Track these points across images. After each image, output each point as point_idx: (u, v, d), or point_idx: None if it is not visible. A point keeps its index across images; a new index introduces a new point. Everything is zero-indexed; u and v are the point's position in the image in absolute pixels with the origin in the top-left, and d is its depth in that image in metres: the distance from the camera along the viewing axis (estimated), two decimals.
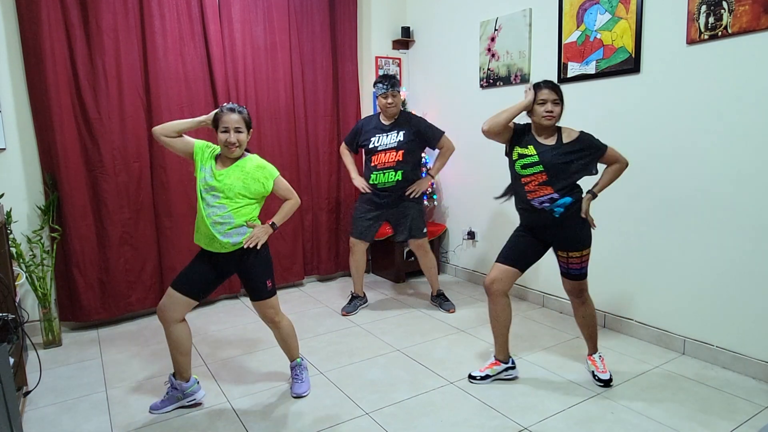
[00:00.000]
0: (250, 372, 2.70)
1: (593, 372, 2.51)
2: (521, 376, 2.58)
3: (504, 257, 2.45)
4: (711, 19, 2.48)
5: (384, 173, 3.34)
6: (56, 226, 3.15)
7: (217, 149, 2.28)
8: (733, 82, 2.45)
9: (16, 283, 2.82)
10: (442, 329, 3.22)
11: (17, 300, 2.71)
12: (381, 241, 4.23)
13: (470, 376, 2.54)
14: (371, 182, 3.39)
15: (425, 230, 3.51)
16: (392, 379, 2.58)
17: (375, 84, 3.33)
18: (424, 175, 3.53)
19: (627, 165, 2.38)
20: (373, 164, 3.38)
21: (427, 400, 2.38)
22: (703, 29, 2.52)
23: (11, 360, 1.95)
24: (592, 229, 2.41)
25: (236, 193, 2.21)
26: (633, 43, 2.82)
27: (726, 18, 2.42)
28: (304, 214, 4.15)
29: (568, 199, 2.31)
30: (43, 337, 3.09)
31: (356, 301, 3.60)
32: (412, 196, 3.40)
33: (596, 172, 2.38)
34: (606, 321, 3.16)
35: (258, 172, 2.26)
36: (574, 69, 3.15)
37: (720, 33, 2.46)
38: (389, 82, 3.26)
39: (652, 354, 2.78)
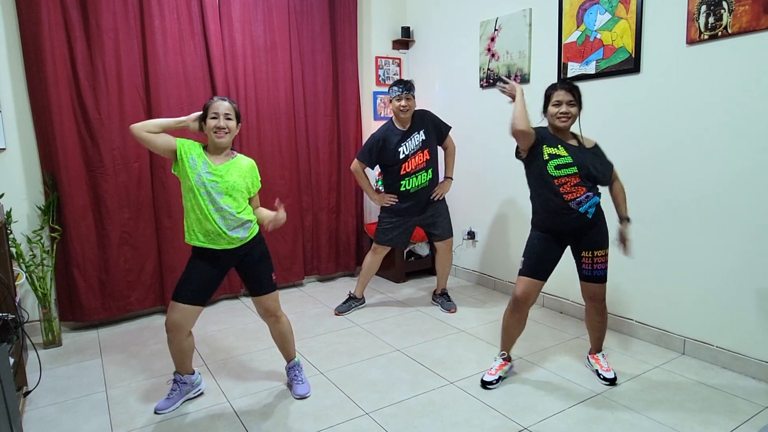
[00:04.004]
0: (250, 372, 2.70)
1: (597, 371, 2.50)
2: (521, 376, 2.58)
3: (534, 272, 2.39)
4: (711, 19, 2.48)
5: (417, 176, 3.34)
6: (56, 226, 3.15)
7: (201, 145, 2.24)
8: (733, 82, 2.45)
9: (16, 283, 2.82)
10: (442, 329, 3.22)
11: (17, 300, 2.71)
12: None
13: (485, 383, 2.46)
14: (403, 189, 3.37)
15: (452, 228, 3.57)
16: (392, 379, 2.58)
17: (390, 87, 3.32)
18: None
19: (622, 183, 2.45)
20: (404, 172, 3.35)
21: (427, 400, 2.38)
22: (703, 29, 2.52)
23: (11, 360, 1.95)
24: (629, 257, 2.46)
25: (240, 193, 2.21)
26: (633, 43, 2.82)
27: (726, 18, 2.42)
28: (304, 214, 4.15)
29: (597, 198, 2.34)
30: (43, 337, 3.09)
31: (352, 302, 3.60)
32: (436, 199, 3.44)
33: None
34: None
35: (253, 173, 2.31)
36: (574, 69, 3.14)
37: (720, 33, 2.46)
38: (404, 86, 3.25)
39: (652, 354, 2.78)
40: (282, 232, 4.01)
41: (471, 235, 4.12)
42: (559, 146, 2.30)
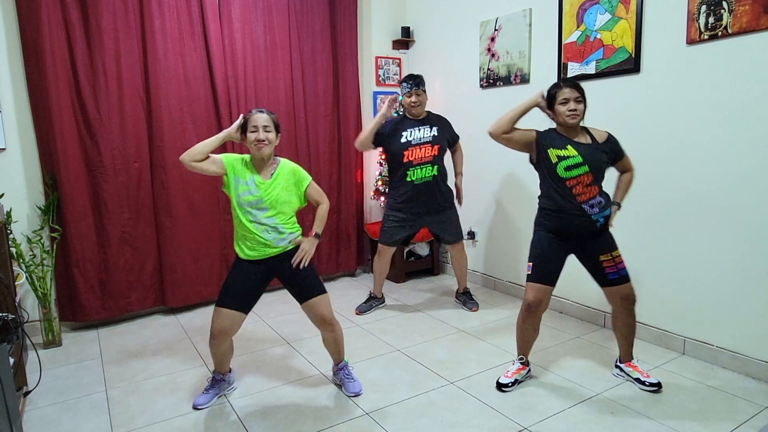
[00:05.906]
0: (250, 372, 2.70)
1: (638, 378, 2.42)
2: None
3: (544, 278, 2.36)
4: (711, 19, 2.48)
5: (421, 168, 3.29)
6: (56, 226, 3.15)
7: (248, 158, 2.28)
8: (732, 82, 2.45)
9: (16, 283, 2.82)
10: (442, 329, 3.22)
11: (17, 300, 2.71)
12: None
13: (501, 385, 2.43)
14: (408, 179, 3.30)
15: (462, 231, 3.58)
16: (392, 379, 2.58)
17: (400, 83, 3.33)
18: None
19: (634, 173, 2.44)
20: (407, 160, 3.28)
21: (427, 400, 2.38)
22: (703, 29, 2.52)
23: (11, 360, 1.96)
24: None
25: (285, 204, 2.26)
26: (633, 43, 2.82)
27: (726, 18, 2.42)
28: (304, 215, 4.15)
29: (608, 210, 2.35)
30: (43, 337, 3.09)
31: (373, 301, 3.61)
32: (457, 202, 3.47)
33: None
34: (606, 321, 3.16)
35: (294, 176, 2.31)
36: (574, 69, 3.14)
37: (720, 33, 2.46)
38: (413, 81, 3.25)
39: (652, 354, 2.78)
40: None
41: (471, 235, 4.12)
42: (568, 146, 2.28)
